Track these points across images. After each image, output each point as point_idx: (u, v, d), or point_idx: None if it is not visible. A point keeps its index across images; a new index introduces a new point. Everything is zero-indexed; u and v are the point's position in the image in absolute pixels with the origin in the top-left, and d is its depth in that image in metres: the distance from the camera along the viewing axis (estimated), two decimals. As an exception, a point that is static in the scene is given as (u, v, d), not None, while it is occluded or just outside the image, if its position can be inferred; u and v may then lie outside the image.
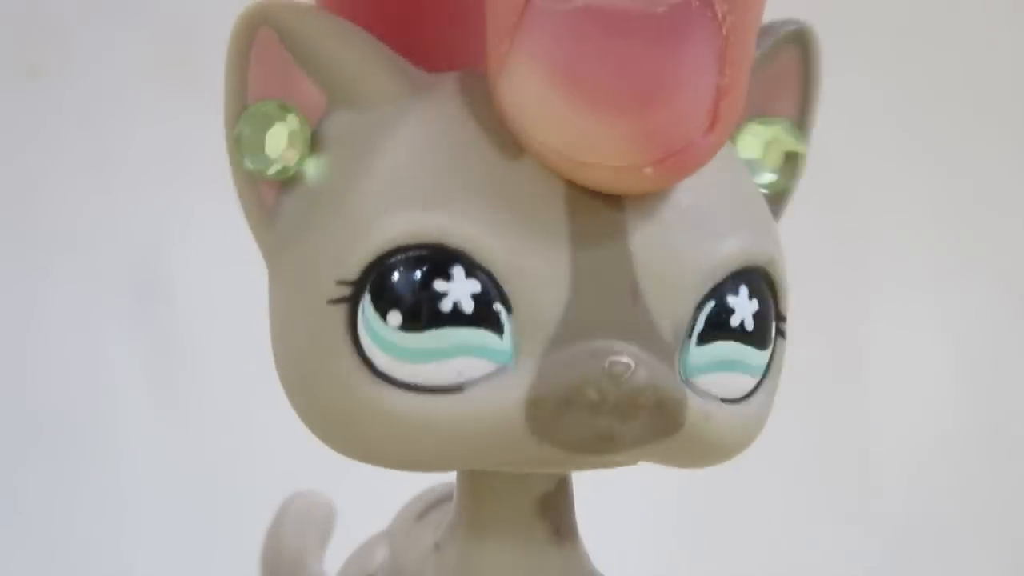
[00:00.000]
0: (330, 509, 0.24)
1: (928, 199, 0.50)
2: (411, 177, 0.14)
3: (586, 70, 0.13)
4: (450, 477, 0.17)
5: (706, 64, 0.13)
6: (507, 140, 0.14)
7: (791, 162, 0.16)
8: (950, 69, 0.50)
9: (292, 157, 0.15)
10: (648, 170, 0.13)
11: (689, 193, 0.14)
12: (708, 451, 0.15)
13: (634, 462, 0.15)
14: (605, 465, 0.14)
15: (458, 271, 0.13)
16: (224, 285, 0.48)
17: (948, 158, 0.50)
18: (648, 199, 0.14)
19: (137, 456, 0.49)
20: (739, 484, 0.47)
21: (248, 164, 0.15)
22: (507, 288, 0.13)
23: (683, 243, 0.14)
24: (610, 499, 0.26)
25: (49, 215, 0.49)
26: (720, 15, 0.12)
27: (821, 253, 0.48)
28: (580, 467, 0.15)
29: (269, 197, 0.15)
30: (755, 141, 0.16)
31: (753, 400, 0.15)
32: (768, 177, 0.16)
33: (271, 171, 0.15)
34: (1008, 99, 0.51)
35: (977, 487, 0.48)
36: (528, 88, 0.13)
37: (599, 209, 0.13)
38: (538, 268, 0.13)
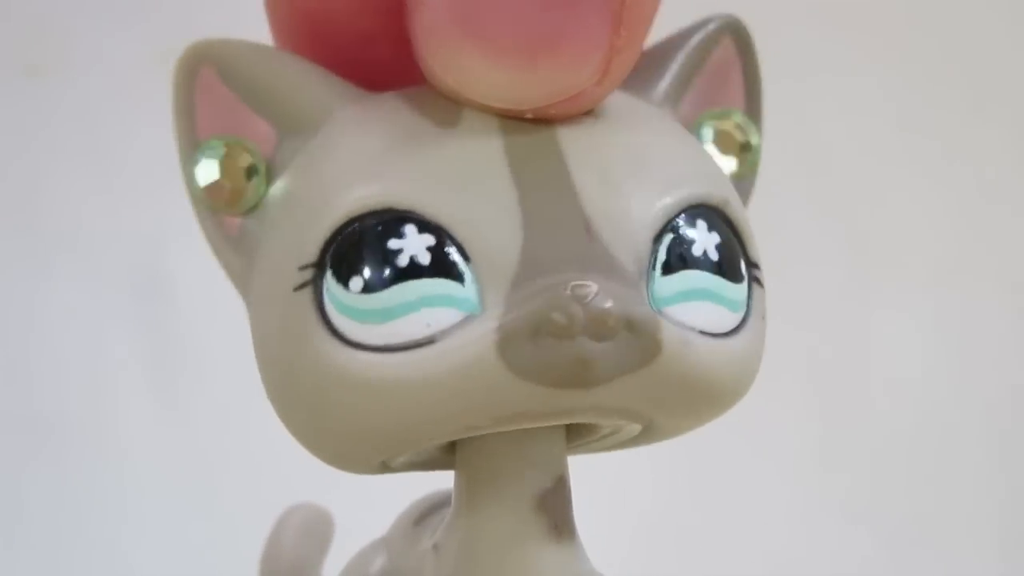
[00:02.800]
0: (328, 520, 0.24)
1: (929, 195, 0.50)
2: (355, 161, 0.14)
3: (483, 17, 0.14)
4: (448, 484, 0.17)
5: (601, 23, 0.14)
6: (441, 112, 0.14)
7: (747, 151, 0.17)
8: (952, 66, 0.51)
9: (244, 191, 0.15)
10: (529, 115, 0.14)
11: (632, 137, 0.15)
12: (697, 388, 0.15)
13: (617, 417, 0.15)
14: (587, 411, 0.14)
15: (410, 228, 0.14)
16: (224, 284, 0.49)
17: (950, 154, 0.50)
18: (589, 144, 0.14)
19: (138, 455, 0.49)
20: (736, 476, 0.47)
21: (204, 201, 0.16)
22: (460, 238, 0.14)
23: (628, 181, 0.14)
24: (598, 495, 0.26)
25: (50, 214, 0.49)
26: None
27: (825, 249, 0.48)
28: (561, 413, 0.14)
29: (233, 227, 0.16)
30: (710, 132, 0.17)
31: (738, 337, 0.15)
32: (727, 166, 0.17)
33: (226, 207, 0.16)
34: (1009, 96, 0.51)
35: (975, 481, 0.49)
36: (432, 25, 0.14)
37: (540, 157, 0.14)
38: (487, 215, 0.14)
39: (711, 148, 0.17)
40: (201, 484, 0.48)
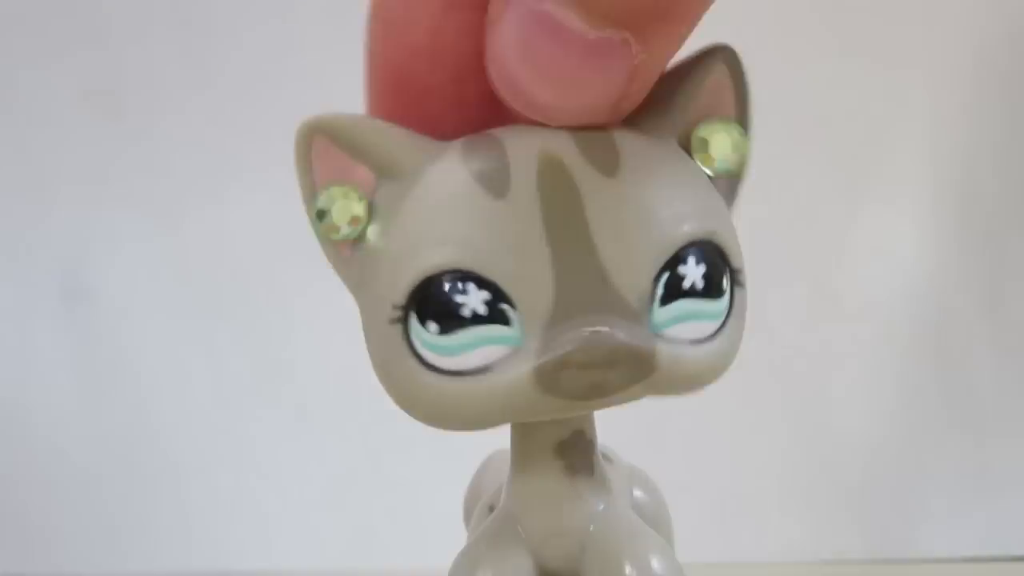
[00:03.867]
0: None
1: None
2: (431, 224, 0.17)
3: (532, 53, 0.17)
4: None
5: (617, 77, 0.17)
6: (496, 183, 0.17)
7: (739, 151, 0.19)
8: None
9: (355, 223, 0.18)
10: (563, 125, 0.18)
11: (639, 193, 0.18)
12: (684, 382, 0.18)
13: (626, 403, 0.18)
14: (603, 407, 0.18)
15: (471, 286, 0.17)
16: (140, 290, 0.52)
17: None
18: (606, 207, 0.17)
19: (63, 440, 0.51)
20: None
21: (324, 233, 0.18)
22: (509, 292, 0.17)
23: (636, 236, 0.17)
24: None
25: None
26: (634, 52, 0.17)
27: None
28: (583, 411, 0.18)
29: (345, 250, 0.19)
30: (705, 132, 0.19)
31: (718, 338, 0.18)
32: (720, 164, 0.19)
33: (340, 236, 0.18)
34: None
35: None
36: (498, 46, 0.17)
37: (568, 223, 0.17)
38: (528, 273, 0.17)
39: (704, 155, 0.19)
40: (119, 461, 0.51)
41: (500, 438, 0.21)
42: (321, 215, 0.18)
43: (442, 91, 0.19)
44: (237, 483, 0.51)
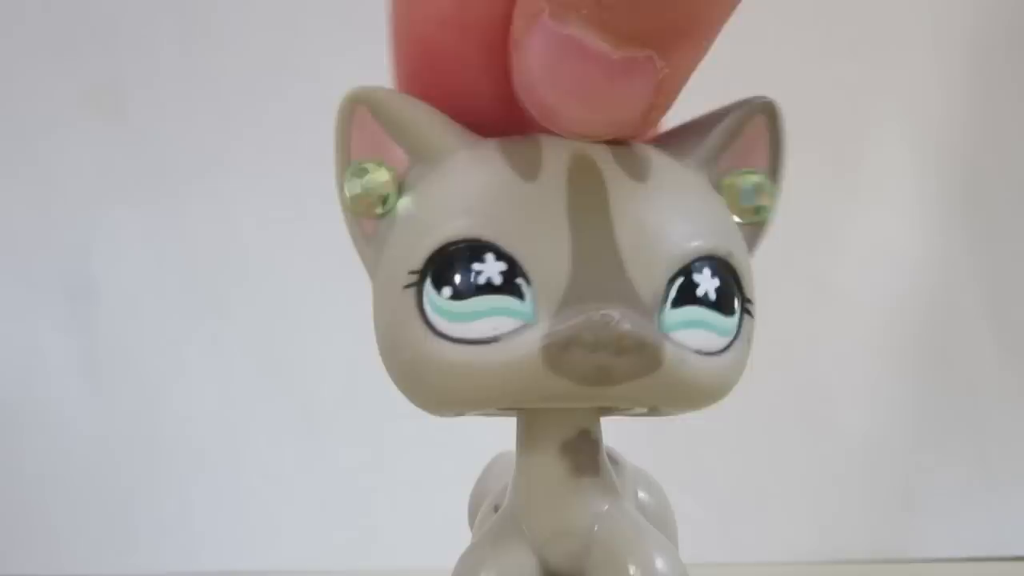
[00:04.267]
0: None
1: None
2: (457, 198, 0.18)
3: (559, 76, 0.17)
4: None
5: (643, 91, 0.17)
6: (527, 166, 0.18)
7: (767, 203, 0.20)
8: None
9: (384, 199, 0.19)
10: (591, 140, 0.18)
11: (664, 198, 0.18)
12: (688, 391, 0.18)
13: (632, 404, 0.18)
14: (608, 401, 0.18)
15: (490, 256, 0.17)
16: (144, 288, 0.52)
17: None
18: (630, 207, 0.18)
19: (68, 434, 0.51)
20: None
21: (352, 205, 0.19)
22: (525, 267, 0.17)
23: (657, 233, 0.18)
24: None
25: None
26: (658, 68, 0.17)
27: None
28: (589, 401, 0.18)
29: (369, 227, 0.19)
30: (736, 184, 0.20)
31: (725, 356, 0.18)
32: (747, 213, 0.20)
33: (366, 211, 0.19)
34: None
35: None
36: (524, 69, 0.17)
37: (593, 212, 0.18)
38: (547, 252, 0.17)
39: (731, 200, 0.19)
40: (122, 457, 0.51)
41: (505, 440, 0.21)
42: (349, 188, 0.19)
43: (472, 60, 0.19)
44: (242, 482, 0.51)
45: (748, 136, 0.20)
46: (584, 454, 0.20)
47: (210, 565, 0.50)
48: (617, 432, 0.22)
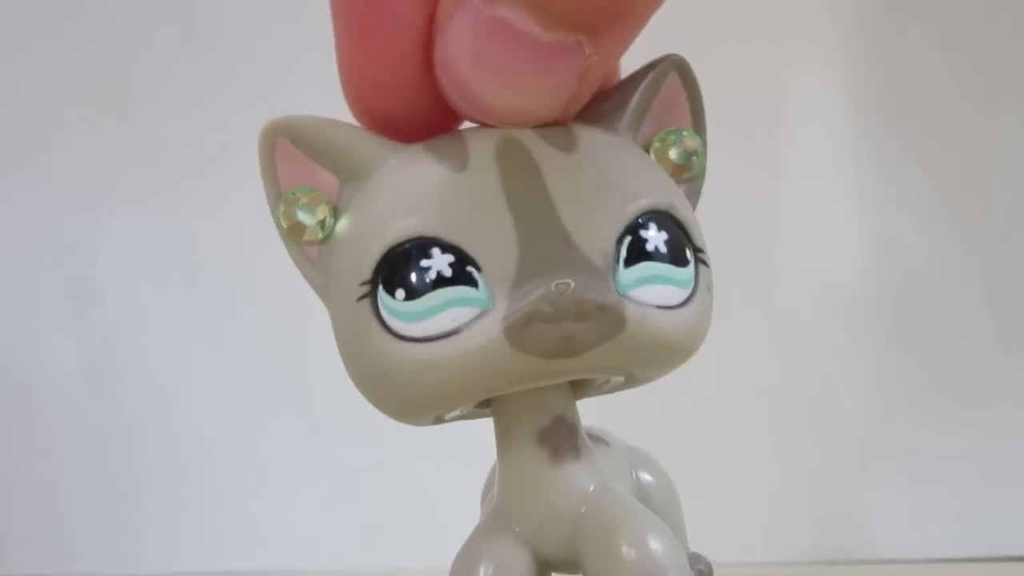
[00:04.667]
0: None
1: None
2: (393, 203, 0.18)
3: (486, 59, 0.17)
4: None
5: (570, 78, 0.17)
6: (455, 160, 0.18)
7: (697, 157, 0.20)
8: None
9: (321, 225, 0.19)
10: (516, 127, 0.18)
11: (598, 164, 0.18)
12: (657, 349, 0.18)
13: (604, 373, 0.18)
14: (580, 372, 0.18)
15: (435, 250, 0.17)
16: (147, 289, 0.52)
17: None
18: (566, 177, 0.18)
19: (71, 434, 0.52)
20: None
21: (290, 235, 0.19)
22: (473, 254, 0.17)
23: (597, 198, 0.18)
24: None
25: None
26: (587, 53, 0.17)
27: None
28: (560, 375, 0.18)
29: (312, 251, 0.19)
30: (664, 143, 0.20)
31: (688, 308, 0.18)
32: (679, 171, 0.20)
33: (306, 239, 0.19)
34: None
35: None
36: (449, 54, 0.17)
37: (529, 190, 0.18)
38: (491, 236, 0.17)
39: (662, 160, 0.20)
40: (126, 455, 0.51)
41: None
42: (283, 219, 0.19)
43: (394, 76, 0.19)
44: (244, 483, 0.51)
45: (665, 95, 0.20)
46: (562, 440, 0.20)
47: (212, 565, 0.50)
48: (619, 431, 0.22)
